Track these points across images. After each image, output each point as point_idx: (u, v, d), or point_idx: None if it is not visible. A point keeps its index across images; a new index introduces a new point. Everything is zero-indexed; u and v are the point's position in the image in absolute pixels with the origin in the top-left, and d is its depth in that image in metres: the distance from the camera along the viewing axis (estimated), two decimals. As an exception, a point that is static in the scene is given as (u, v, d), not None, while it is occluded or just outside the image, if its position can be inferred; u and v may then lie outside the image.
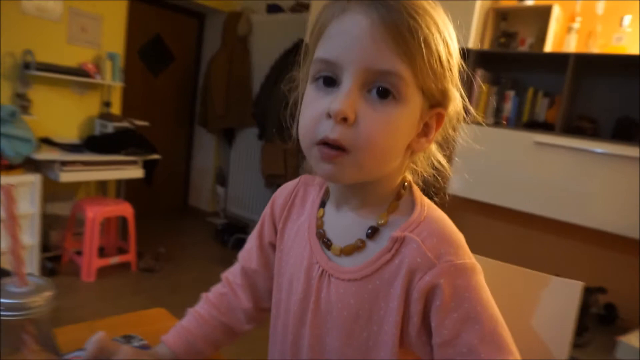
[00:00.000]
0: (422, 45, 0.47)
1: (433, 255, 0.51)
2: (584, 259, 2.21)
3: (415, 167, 0.60)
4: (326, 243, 0.58)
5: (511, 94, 2.36)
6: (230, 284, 0.70)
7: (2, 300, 0.41)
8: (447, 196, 0.62)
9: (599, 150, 1.98)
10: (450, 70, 0.52)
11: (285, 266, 0.63)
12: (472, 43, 2.30)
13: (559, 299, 0.70)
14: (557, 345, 0.70)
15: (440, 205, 0.59)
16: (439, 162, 0.60)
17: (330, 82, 0.50)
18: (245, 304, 0.68)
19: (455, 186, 0.68)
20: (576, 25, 2.17)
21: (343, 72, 0.48)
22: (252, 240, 0.70)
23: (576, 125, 2.19)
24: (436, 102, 0.53)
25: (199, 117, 4.11)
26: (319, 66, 0.51)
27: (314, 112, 0.50)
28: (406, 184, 0.58)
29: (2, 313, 0.41)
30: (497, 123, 2.38)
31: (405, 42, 0.47)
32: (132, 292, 2.71)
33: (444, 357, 0.50)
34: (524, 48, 2.37)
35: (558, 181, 2.10)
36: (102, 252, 3.03)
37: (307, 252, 0.59)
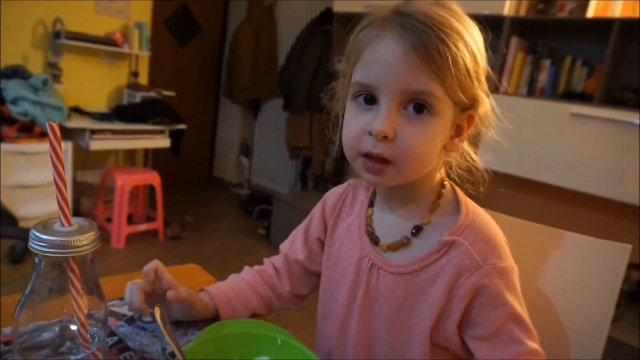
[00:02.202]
0: (451, 65, 0.52)
1: (480, 258, 0.56)
2: (619, 234, 2.14)
3: (450, 161, 0.65)
4: (374, 240, 0.64)
5: (547, 63, 2.26)
6: (275, 267, 0.77)
7: (47, 237, 0.41)
8: (481, 189, 0.66)
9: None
10: (478, 78, 0.57)
11: (335, 260, 0.69)
12: (508, 9, 2.20)
13: (605, 263, 0.68)
14: (600, 310, 0.68)
15: (475, 197, 0.65)
16: (471, 157, 0.66)
17: (369, 100, 0.56)
18: (285, 287, 0.75)
19: (488, 160, 0.69)
20: (622, -12, 2.04)
21: (380, 94, 0.54)
22: (298, 234, 0.76)
23: (617, 95, 2.08)
24: (466, 106, 0.57)
25: (225, 88, 4.11)
26: (357, 88, 0.56)
27: (356, 128, 0.56)
28: (445, 183, 0.64)
29: (47, 250, 0.41)
30: (530, 94, 2.29)
31: (436, 63, 0.51)
32: (161, 258, 2.70)
33: (488, 347, 0.56)
34: (563, 14, 2.25)
35: (595, 155, 2.01)
36: (131, 220, 3.11)
37: (358, 247, 0.65)
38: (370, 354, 0.64)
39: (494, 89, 0.62)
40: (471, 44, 0.55)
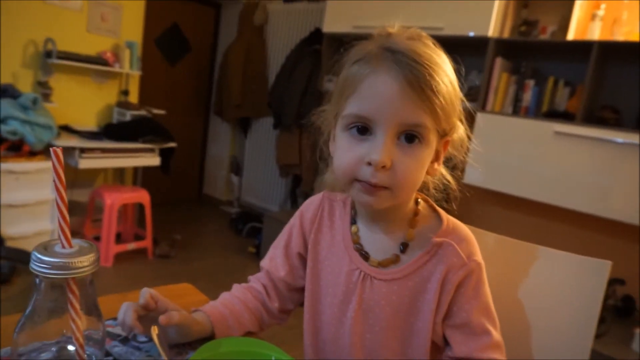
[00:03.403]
0: (440, 99, 0.57)
1: (465, 255, 0.64)
2: (603, 250, 2.19)
3: (427, 183, 0.70)
4: (364, 255, 0.68)
5: (531, 83, 2.32)
6: (262, 284, 0.77)
7: (48, 259, 0.42)
8: (454, 205, 0.72)
9: (620, 140, 1.95)
10: (454, 106, 0.61)
11: (319, 274, 0.72)
12: (492, 31, 2.27)
13: (586, 279, 0.70)
14: (582, 325, 0.70)
15: (451, 212, 0.71)
16: (446, 178, 0.71)
17: (362, 131, 0.59)
18: (274, 303, 0.76)
19: (473, 177, 0.74)
20: (600, 12, 2.12)
21: (377, 125, 0.58)
22: (277, 250, 0.77)
23: (598, 115, 2.15)
24: (445, 133, 0.63)
25: (215, 107, 4.13)
26: (353, 119, 0.60)
27: (353, 157, 0.59)
28: (419, 200, 0.70)
29: (49, 272, 0.42)
30: (515, 113, 2.35)
31: (429, 98, 0.57)
32: (150, 277, 2.75)
33: (461, 336, 0.63)
34: (545, 36, 2.33)
35: (578, 172, 2.07)
36: (120, 239, 3.08)
37: (346, 261, 0.69)
38: None
39: (482, 107, 0.68)
40: (450, 75, 0.60)
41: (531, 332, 0.76)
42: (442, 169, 0.69)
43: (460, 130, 0.66)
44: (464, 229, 0.67)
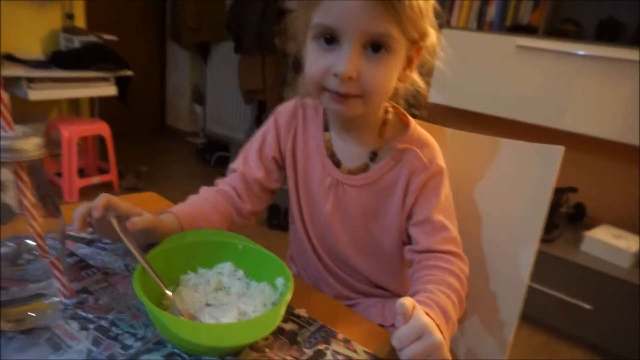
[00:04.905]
0: (407, 7, 0.57)
1: (427, 160, 0.69)
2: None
3: (397, 88, 0.70)
4: (336, 162, 0.72)
5: (496, -4, 2.28)
6: (232, 187, 0.77)
7: (-9, 143, 0.40)
8: (425, 111, 0.77)
9: (581, 52, 1.97)
10: (423, 13, 0.61)
11: (301, 181, 0.76)
12: (458, -61, 2.18)
13: (539, 165, 0.73)
14: (535, 210, 0.74)
15: (421, 118, 0.75)
16: (417, 84, 0.72)
17: (329, 40, 0.60)
18: (246, 205, 0.77)
19: (437, 95, 0.75)
20: None
21: (342, 36, 0.59)
22: (250, 152, 0.78)
23: (560, 28, 2.16)
24: (416, 40, 0.63)
25: (171, 31, 3.89)
26: (319, 29, 0.60)
27: (320, 67, 0.61)
28: (388, 108, 0.72)
29: (-7, 156, 0.40)
30: (479, 28, 2.33)
31: (394, 7, 0.57)
32: None
33: (423, 233, 0.68)
34: (511, -55, 2.25)
35: (539, 86, 2.10)
36: (82, 173, 2.99)
37: (319, 168, 0.73)
38: (344, 258, 0.75)
39: (446, 23, 0.67)
40: None
41: (484, 222, 0.80)
42: (414, 75, 0.70)
43: (433, 36, 0.66)
44: (426, 135, 0.71)
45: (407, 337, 0.47)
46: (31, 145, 0.41)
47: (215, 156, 3.61)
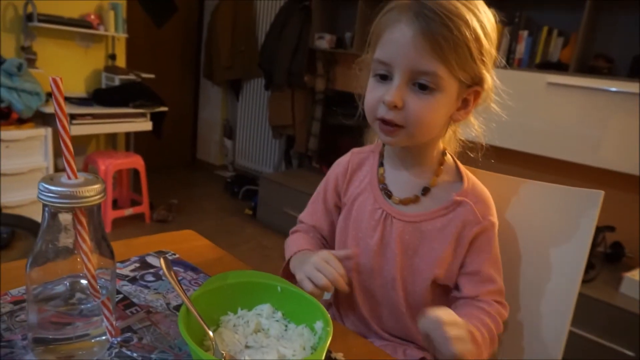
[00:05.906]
0: (454, 49, 0.61)
1: (480, 215, 0.71)
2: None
3: (456, 130, 0.77)
4: (388, 193, 0.75)
5: (524, 33, 2.30)
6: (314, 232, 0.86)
7: (55, 188, 0.43)
8: (479, 156, 0.79)
9: (614, 89, 1.95)
10: (482, 59, 0.65)
11: (350, 214, 0.79)
12: (486, -19, 2.22)
13: (578, 210, 0.72)
14: (574, 255, 0.72)
15: (475, 161, 0.78)
16: (475, 128, 0.76)
17: (384, 77, 0.67)
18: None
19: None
20: (595, -42, 2.07)
21: (394, 71, 0.65)
22: (316, 205, 0.86)
23: (591, 64, 2.14)
24: (472, 83, 0.67)
25: (205, 69, 4.06)
26: (376, 65, 0.67)
27: (373, 98, 0.68)
28: (447, 152, 0.76)
29: (56, 201, 0.43)
30: (508, 64, 2.34)
31: (440, 47, 0.61)
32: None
33: (471, 282, 0.71)
34: (539, -15, 2.28)
35: (571, 122, 2.08)
36: (116, 205, 3.09)
37: (371, 200, 0.76)
38: (382, 292, 0.76)
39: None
40: (477, 29, 0.63)
41: (523, 267, 0.79)
42: (471, 118, 0.74)
43: (489, 81, 0.69)
44: (483, 189, 0.74)
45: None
46: (92, 191, 0.44)
47: (243, 189, 3.67)
